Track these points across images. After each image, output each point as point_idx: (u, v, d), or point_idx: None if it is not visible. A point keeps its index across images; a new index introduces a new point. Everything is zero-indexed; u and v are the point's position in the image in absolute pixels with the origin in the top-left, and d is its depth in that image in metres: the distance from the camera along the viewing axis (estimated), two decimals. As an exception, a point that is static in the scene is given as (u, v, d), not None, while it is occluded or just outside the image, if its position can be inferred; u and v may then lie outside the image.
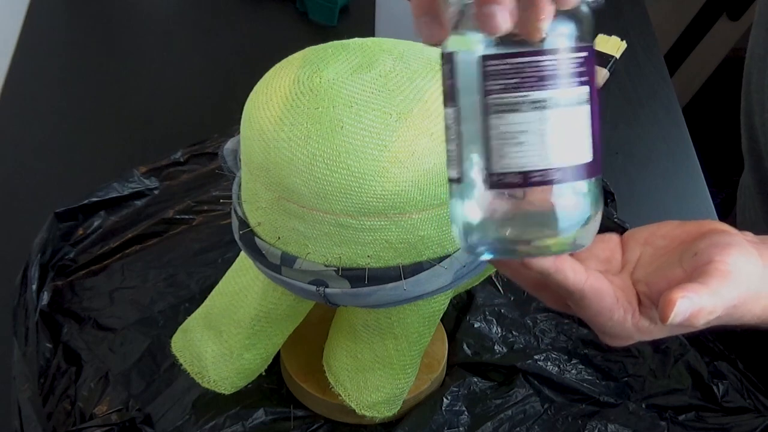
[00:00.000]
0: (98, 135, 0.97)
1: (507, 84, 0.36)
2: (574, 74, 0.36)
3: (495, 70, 0.36)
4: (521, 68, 0.35)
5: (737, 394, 0.68)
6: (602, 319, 0.42)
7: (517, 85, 0.36)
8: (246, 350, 0.63)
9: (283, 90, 0.51)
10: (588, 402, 0.69)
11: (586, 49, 0.36)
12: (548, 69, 0.35)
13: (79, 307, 0.75)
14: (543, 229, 0.37)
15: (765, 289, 0.44)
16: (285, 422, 0.68)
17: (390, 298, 0.55)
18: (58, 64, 1.08)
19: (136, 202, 0.85)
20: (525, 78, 0.35)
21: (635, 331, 0.43)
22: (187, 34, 1.15)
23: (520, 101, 0.36)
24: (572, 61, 0.36)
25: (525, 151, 0.36)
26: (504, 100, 0.36)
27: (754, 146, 0.77)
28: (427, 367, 0.68)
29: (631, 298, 0.43)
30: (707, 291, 0.41)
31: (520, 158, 0.36)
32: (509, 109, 0.36)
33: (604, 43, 1.06)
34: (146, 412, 0.67)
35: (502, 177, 0.37)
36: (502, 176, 0.37)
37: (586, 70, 0.36)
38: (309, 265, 0.54)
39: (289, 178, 0.50)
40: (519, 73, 0.35)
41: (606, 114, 0.99)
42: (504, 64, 0.36)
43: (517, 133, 0.36)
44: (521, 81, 0.35)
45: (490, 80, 0.36)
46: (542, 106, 0.35)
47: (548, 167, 0.36)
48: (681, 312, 0.40)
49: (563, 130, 0.36)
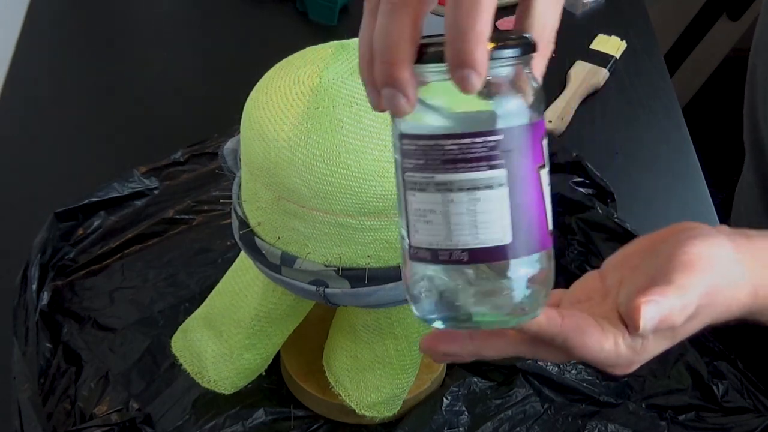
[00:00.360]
0: (98, 135, 0.97)
1: (416, 164, 0.36)
2: (483, 158, 0.35)
3: (408, 149, 0.36)
4: (427, 150, 0.35)
5: (737, 394, 0.68)
6: (595, 352, 0.41)
7: (423, 166, 0.36)
8: (246, 350, 0.63)
9: (283, 90, 0.51)
10: (588, 402, 0.69)
11: (501, 132, 0.35)
12: (451, 154, 0.35)
13: (79, 307, 0.75)
14: (479, 305, 0.37)
15: (745, 276, 0.44)
16: (285, 422, 0.68)
17: (390, 298, 0.55)
18: (58, 64, 1.08)
19: (136, 202, 0.85)
20: (429, 160, 0.35)
21: (633, 354, 0.42)
22: (187, 34, 1.15)
23: (426, 182, 0.36)
24: (480, 146, 0.35)
25: (432, 230, 0.36)
26: (414, 179, 0.37)
27: (756, 139, 0.77)
28: (427, 367, 0.68)
29: (617, 323, 0.42)
30: (673, 288, 0.40)
31: (428, 236, 0.37)
32: (418, 188, 0.36)
33: (604, 43, 1.06)
34: (146, 412, 0.67)
35: (417, 251, 0.38)
36: (417, 250, 0.37)
37: (502, 154, 0.35)
38: (309, 265, 0.54)
39: (289, 178, 0.50)
40: (425, 154, 0.36)
41: (606, 114, 0.99)
42: (414, 144, 0.36)
43: (426, 212, 0.36)
44: (426, 163, 0.36)
45: (405, 158, 0.37)
46: (446, 189, 0.35)
47: (454, 248, 0.36)
48: (649, 318, 0.39)
49: (471, 212, 0.36)
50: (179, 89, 1.04)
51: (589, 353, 0.41)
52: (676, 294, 0.40)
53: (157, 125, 0.98)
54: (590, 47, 1.06)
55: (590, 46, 1.06)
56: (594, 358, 0.41)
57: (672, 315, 0.40)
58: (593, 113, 0.99)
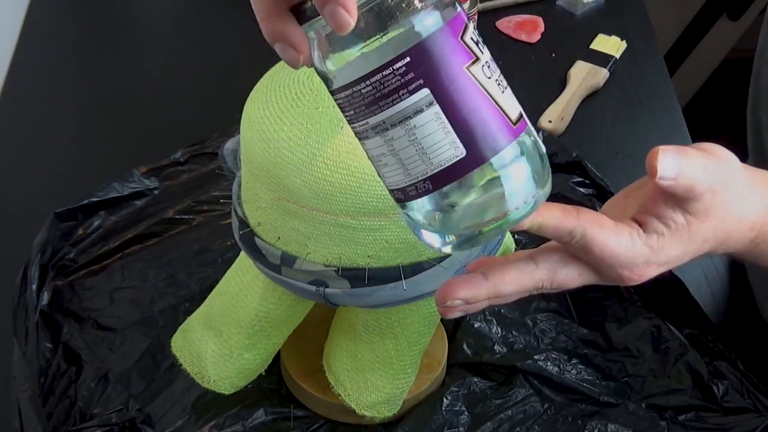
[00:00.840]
0: (98, 135, 0.97)
1: (351, 115, 0.36)
2: (399, 87, 0.34)
3: (340, 103, 0.36)
4: (351, 100, 0.35)
5: (737, 394, 0.68)
6: (611, 248, 0.41)
7: (356, 116, 0.36)
8: (246, 350, 0.63)
9: (283, 90, 0.51)
10: (588, 402, 0.69)
11: (406, 54, 0.33)
12: (369, 95, 0.34)
13: (79, 307, 0.75)
14: (480, 217, 0.36)
15: (756, 198, 0.43)
16: (285, 422, 0.68)
17: (390, 298, 0.55)
18: (58, 63, 1.08)
19: (136, 202, 0.85)
20: (357, 108, 0.35)
21: (649, 251, 0.41)
22: (188, 34, 1.15)
23: (365, 129, 0.36)
24: (391, 77, 0.34)
25: (392, 171, 0.36)
26: (356, 129, 0.37)
27: (759, 145, 0.77)
28: (427, 367, 0.68)
29: (630, 223, 0.42)
30: (695, 151, 0.39)
31: (393, 177, 0.37)
32: (362, 136, 0.36)
33: (604, 43, 1.06)
34: (146, 412, 0.67)
35: (393, 193, 0.37)
36: (393, 192, 0.37)
37: (416, 74, 0.34)
38: (309, 265, 0.54)
39: (289, 178, 0.50)
40: (351, 104, 0.35)
41: (606, 114, 0.99)
42: (340, 97, 0.36)
43: (380, 156, 0.36)
44: (356, 112, 0.36)
45: (343, 112, 0.37)
46: (382, 129, 0.35)
47: (416, 181, 0.36)
48: (670, 165, 0.38)
49: (414, 142, 0.35)
50: (179, 89, 1.04)
51: (607, 249, 0.40)
52: (697, 153, 0.39)
53: (157, 125, 0.98)
54: (590, 47, 1.06)
55: (590, 46, 1.06)
56: (612, 254, 0.41)
57: (693, 171, 0.39)
58: (593, 113, 0.99)
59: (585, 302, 0.76)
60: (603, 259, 0.41)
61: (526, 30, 1.10)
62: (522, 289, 0.43)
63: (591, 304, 0.76)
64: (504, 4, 1.14)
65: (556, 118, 0.95)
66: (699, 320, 0.74)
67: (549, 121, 0.95)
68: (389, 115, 0.35)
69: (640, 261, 0.42)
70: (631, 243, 0.41)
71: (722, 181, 0.41)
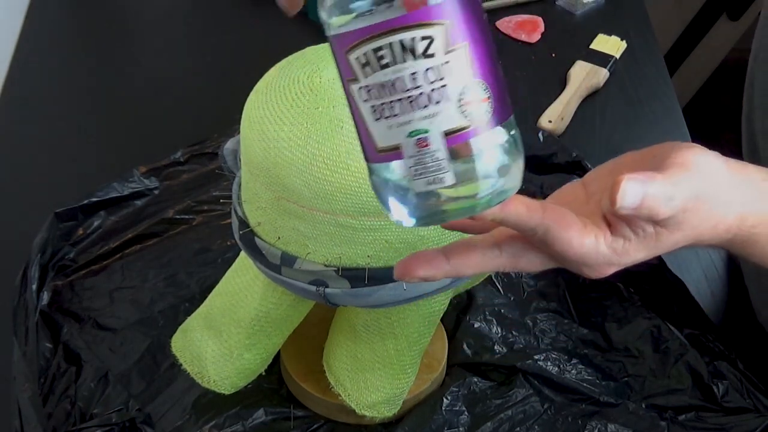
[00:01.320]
0: (98, 135, 0.97)
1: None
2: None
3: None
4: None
5: (737, 394, 0.68)
6: (576, 247, 0.40)
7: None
8: (246, 350, 0.63)
9: (283, 90, 0.51)
10: (588, 402, 0.69)
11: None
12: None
13: (79, 307, 0.75)
14: (447, 194, 0.36)
15: (735, 198, 0.43)
16: (285, 422, 0.68)
17: (390, 298, 0.55)
18: (58, 64, 1.08)
19: (136, 202, 0.85)
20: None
21: (612, 254, 0.41)
22: (187, 34, 1.15)
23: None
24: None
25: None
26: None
27: (753, 151, 0.76)
28: (427, 367, 0.68)
29: (600, 222, 0.41)
30: (661, 177, 0.39)
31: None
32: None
33: (604, 43, 1.06)
34: (146, 412, 0.67)
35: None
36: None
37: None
38: (309, 265, 0.54)
39: (289, 178, 0.50)
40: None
41: (606, 114, 0.99)
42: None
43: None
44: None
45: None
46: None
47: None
48: (631, 194, 0.38)
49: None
50: (180, 89, 1.04)
51: (569, 248, 0.40)
52: (663, 181, 0.39)
53: (157, 125, 0.98)
54: (590, 47, 1.06)
55: (590, 46, 1.06)
56: (574, 254, 0.41)
57: (656, 201, 0.38)
58: (593, 113, 0.99)
59: (585, 302, 0.76)
60: (564, 257, 0.41)
61: (526, 30, 1.10)
62: (481, 271, 0.43)
63: (591, 304, 0.76)
64: (504, 4, 1.14)
65: (556, 118, 0.95)
66: (699, 320, 0.74)
67: (549, 121, 0.95)
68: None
69: (601, 261, 0.42)
70: (595, 245, 0.41)
71: (696, 195, 0.40)
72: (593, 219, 0.42)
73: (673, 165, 0.40)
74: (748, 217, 0.44)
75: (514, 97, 0.37)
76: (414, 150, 0.35)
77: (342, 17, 0.35)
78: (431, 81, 0.34)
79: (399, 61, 0.34)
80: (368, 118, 0.36)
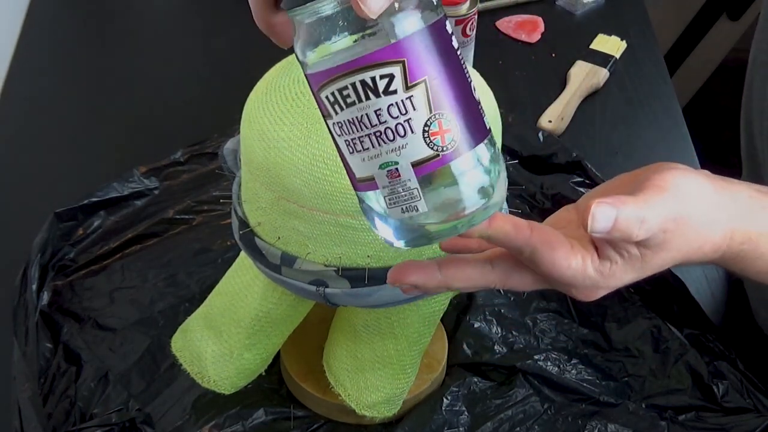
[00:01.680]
0: (98, 135, 0.97)
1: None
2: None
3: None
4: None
5: (737, 394, 0.68)
6: (562, 269, 0.41)
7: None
8: (246, 350, 0.63)
9: (283, 90, 0.51)
10: (588, 402, 0.69)
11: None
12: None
13: (79, 307, 0.75)
14: (434, 217, 0.37)
15: (722, 218, 0.43)
16: (285, 422, 0.68)
17: (390, 298, 0.55)
18: (58, 64, 1.08)
19: (136, 202, 0.85)
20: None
21: (599, 277, 0.42)
22: (187, 34, 1.15)
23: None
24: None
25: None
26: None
27: (752, 153, 0.76)
28: (427, 367, 0.68)
29: (587, 245, 0.42)
30: (632, 200, 0.39)
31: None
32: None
33: (604, 43, 1.06)
34: (146, 412, 0.67)
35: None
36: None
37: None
38: (309, 265, 0.54)
39: (289, 178, 0.50)
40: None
41: (606, 114, 0.99)
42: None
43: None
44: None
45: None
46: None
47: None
48: (601, 218, 0.38)
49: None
50: (179, 89, 1.04)
51: (556, 270, 0.41)
52: (635, 204, 0.39)
53: (157, 125, 0.98)
54: (590, 47, 1.06)
55: (590, 46, 1.06)
56: (561, 275, 0.41)
57: (628, 224, 0.39)
58: (593, 113, 0.99)
59: (585, 302, 0.76)
60: (551, 277, 0.42)
61: (526, 30, 1.10)
62: (473, 287, 0.43)
63: (591, 304, 0.75)
64: (504, 4, 1.14)
65: (556, 118, 0.95)
66: (699, 320, 0.74)
67: (549, 121, 0.95)
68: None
69: (588, 284, 0.42)
70: (582, 267, 0.41)
71: (675, 217, 0.41)
72: (582, 242, 0.42)
73: (649, 187, 0.41)
74: (735, 234, 0.44)
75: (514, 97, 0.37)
76: (386, 181, 0.37)
77: (311, 56, 0.36)
78: (395, 116, 0.35)
79: (363, 99, 0.35)
80: (345, 151, 0.37)
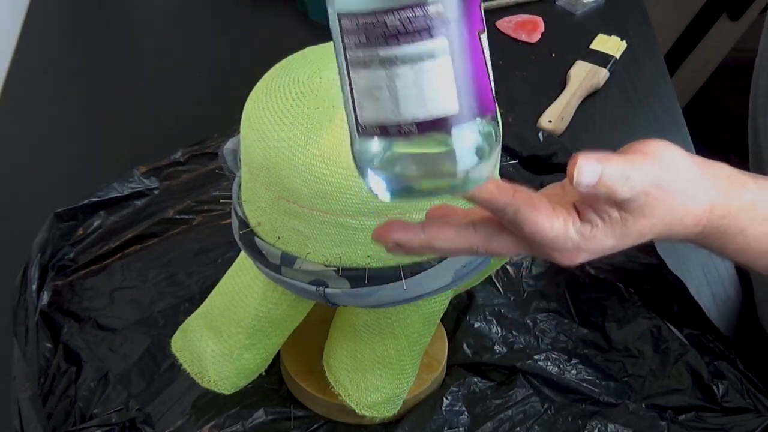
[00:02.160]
0: (98, 135, 0.97)
1: (358, 41, 0.36)
2: (424, 29, 0.35)
3: (348, 27, 0.36)
4: (368, 27, 0.35)
5: (737, 394, 0.68)
6: (545, 230, 0.41)
7: (366, 44, 0.36)
8: (246, 350, 0.63)
9: (283, 90, 0.51)
10: (588, 402, 0.69)
11: (439, 0, 0.35)
12: (392, 28, 0.35)
13: (79, 307, 0.75)
14: (428, 174, 0.37)
15: (703, 191, 0.44)
16: (285, 422, 0.68)
17: (390, 298, 0.55)
18: (58, 64, 1.08)
19: (136, 202, 0.85)
20: (371, 36, 0.35)
21: (581, 240, 0.42)
22: (187, 34, 1.15)
23: (369, 58, 0.36)
24: (421, 17, 0.35)
25: (381, 106, 0.36)
26: (358, 57, 0.36)
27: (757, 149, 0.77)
28: (427, 367, 0.68)
29: (570, 209, 0.43)
30: (620, 158, 0.40)
31: (377, 112, 0.37)
32: (363, 65, 0.36)
33: (604, 43, 1.06)
34: (146, 412, 0.67)
35: (365, 128, 0.38)
36: (365, 127, 0.38)
37: (442, 22, 0.35)
38: (309, 265, 0.54)
39: (289, 178, 0.50)
40: (367, 31, 0.35)
41: (606, 114, 0.99)
42: (354, 22, 0.36)
43: (373, 88, 0.36)
44: (368, 39, 0.36)
45: (345, 36, 0.37)
46: (391, 63, 0.36)
47: (404, 122, 0.36)
48: (587, 172, 0.39)
49: (417, 85, 0.36)
50: (179, 89, 1.04)
51: (538, 230, 0.41)
52: (620, 162, 0.40)
53: (157, 125, 0.98)
54: (590, 47, 1.06)
55: (590, 46, 1.06)
56: (543, 236, 0.42)
57: (613, 179, 0.40)
58: (593, 113, 0.99)
59: (585, 302, 0.76)
60: (534, 239, 0.42)
61: (526, 30, 1.10)
62: (456, 249, 0.44)
63: (591, 304, 0.76)
64: (504, 4, 1.14)
65: (556, 118, 0.95)
66: (699, 320, 0.74)
67: (549, 121, 0.95)
68: (404, 53, 0.35)
69: (570, 246, 0.43)
70: (564, 228, 0.42)
71: (657, 183, 0.42)
72: (564, 207, 0.43)
73: (634, 152, 0.42)
74: (715, 208, 0.45)
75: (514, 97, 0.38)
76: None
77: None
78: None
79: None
80: (489, 65, 0.37)
